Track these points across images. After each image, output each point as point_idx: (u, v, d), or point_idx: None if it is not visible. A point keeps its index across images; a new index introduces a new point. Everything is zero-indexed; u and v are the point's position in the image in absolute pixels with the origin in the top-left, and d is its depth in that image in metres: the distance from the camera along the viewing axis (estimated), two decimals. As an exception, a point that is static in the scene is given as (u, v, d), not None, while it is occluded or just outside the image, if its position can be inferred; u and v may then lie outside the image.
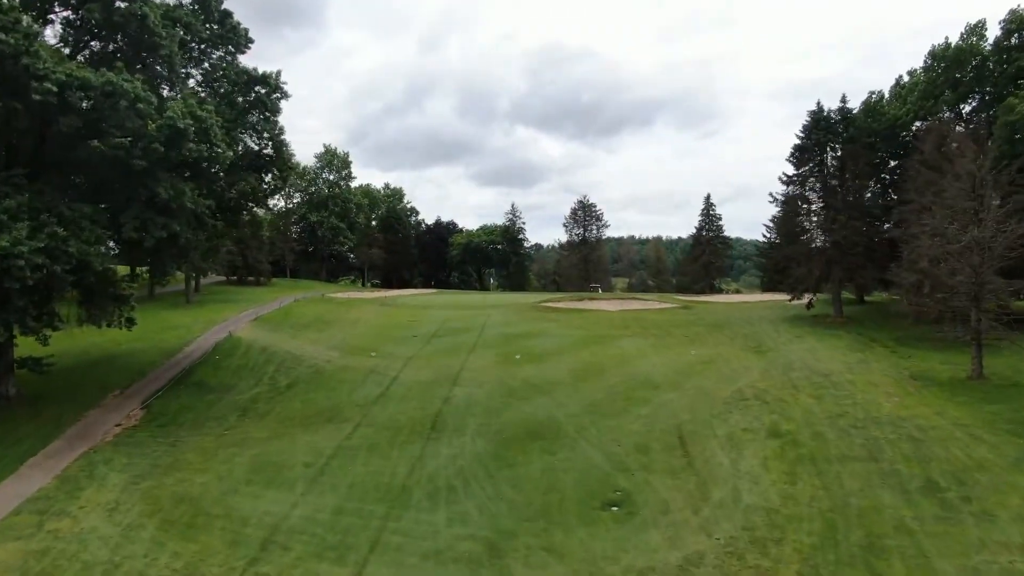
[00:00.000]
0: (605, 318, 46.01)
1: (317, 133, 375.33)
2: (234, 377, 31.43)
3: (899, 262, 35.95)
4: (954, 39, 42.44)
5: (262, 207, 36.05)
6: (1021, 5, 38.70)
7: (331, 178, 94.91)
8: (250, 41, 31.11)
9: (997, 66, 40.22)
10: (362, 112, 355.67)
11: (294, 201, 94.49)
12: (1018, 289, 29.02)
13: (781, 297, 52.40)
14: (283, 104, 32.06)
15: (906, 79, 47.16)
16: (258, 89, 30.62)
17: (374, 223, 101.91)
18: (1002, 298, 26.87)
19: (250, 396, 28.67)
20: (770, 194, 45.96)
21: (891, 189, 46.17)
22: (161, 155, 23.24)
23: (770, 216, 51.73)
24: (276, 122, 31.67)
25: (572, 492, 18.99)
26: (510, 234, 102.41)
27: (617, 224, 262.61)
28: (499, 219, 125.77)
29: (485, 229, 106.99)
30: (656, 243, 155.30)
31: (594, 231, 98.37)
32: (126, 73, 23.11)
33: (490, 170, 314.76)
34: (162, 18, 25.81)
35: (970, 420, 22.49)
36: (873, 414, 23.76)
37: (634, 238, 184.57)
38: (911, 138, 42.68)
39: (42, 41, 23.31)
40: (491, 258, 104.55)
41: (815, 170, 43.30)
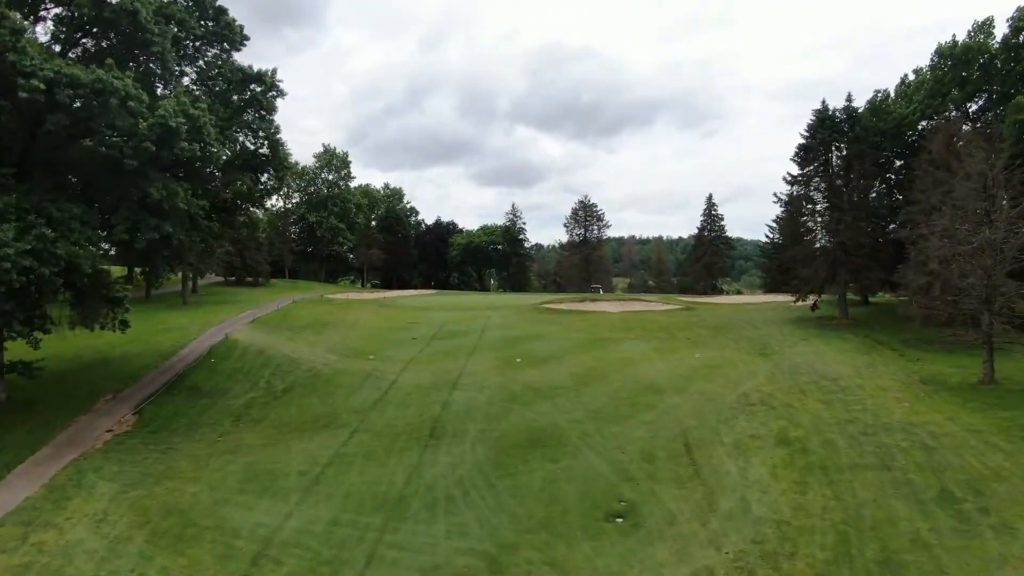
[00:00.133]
0: (607, 320, 45.41)
1: (317, 133, 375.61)
2: (229, 381, 30.81)
3: (906, 263, 35.39)
4: (959, 37, 41.91)
5: (259, 208, 35.38)
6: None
7: (330, 178, 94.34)
8: (245, 38, 30.50)
9: (1005, 64, 39.62)
10: (362, 112, 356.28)
11: (293, 201, 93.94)
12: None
13: (785, 298, 51.78)
14: (281, 103, 31.55)
15: (912, 78, 46.60)
16: (253, 87, 29.98)
17: (373, 223, 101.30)
18: (1014, 301, 26.25)
19: (245, 401, 28.06)
20: (774, 194, 45.46)
21: (896, 189, 45.60)
22: (152, 154, 22.63)
23: (773, 216, 51.31)
24: (272, 121, 31.05)
25: (575, 502, 18.38)
26: (511, 234, 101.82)
27: (617, 224, 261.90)
28: (499, 219, 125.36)
29: (485, 229, 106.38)
30: (658, 243, 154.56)
31: (595, 231, 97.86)
32: (116, 70, 22.50)
33: (490, 170, 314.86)
34: (154, 14, 25.19)
35: (984, 426, 21.87)
36: (883, 420, 23.15)
37: (635, 238, 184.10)
38: (918, 137, 42.11)
39: (30, 38, 22.73)
40: (491, 258, 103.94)
41: (820, 170, 42.70)
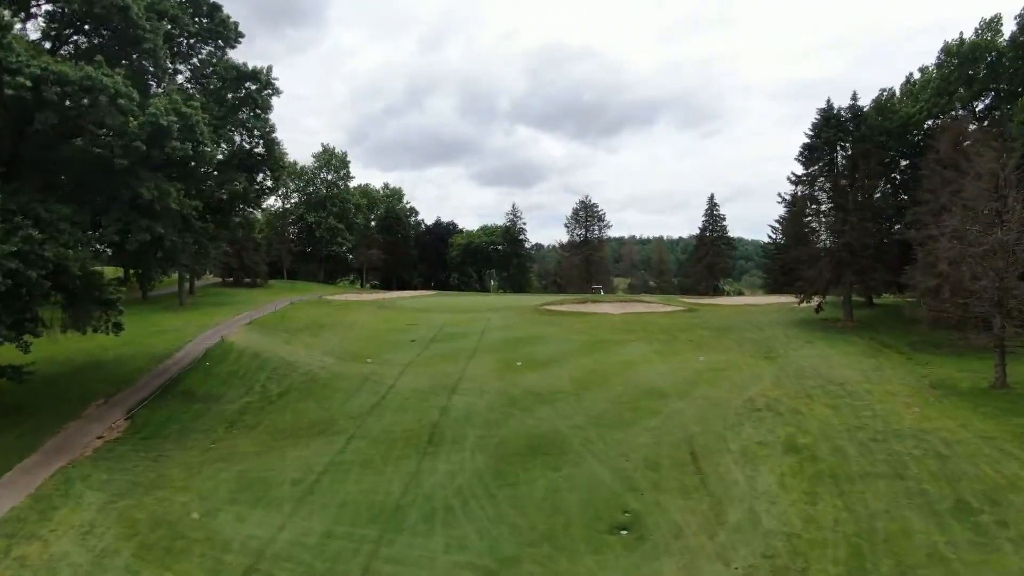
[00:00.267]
0: (608, 322, 44.81)
1: (317, 133, 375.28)
2: (224, 385, 30.21)
3: (914, 265, 34.78)
4: (962, 36, 41.28)
5: (254, 208, 34.79)
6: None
7: (329, 178, 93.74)
8: (240, 35, 29.88)
9: (1013, 62, 39.01)
10: (363, 112, 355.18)
11: (292, 201, 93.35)
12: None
13: (788, 299, 51.16)
14: (282, 103, 31.62)
15: (917, 76, 45.97)
16: (248, 85, 29.33)
17: (373, 224, 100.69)
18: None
19: (239, 406, 27.45)
20: (779, 194, 44.81)
21: (901, 189, 44.98)
22: (143, 153, 22.02)
23: (775, 217, 50.60)
24: (267, 119, 30.40)
25: (578, 514, 17.78)
26: (511, 234, 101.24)
27: (618, 224, 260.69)
28: (499, 219, 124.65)
29: (486, 230, 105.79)
30: (658, 243, 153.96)
31: (596, 231, 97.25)
32: (106, 67, 21.90)
33: (490, 170, 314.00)
34: (146, 10, 24.58)
35: (997, 433, 21.25)
36: (894, 426, 22.54)
37: (635, 238, 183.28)
38: (924, 136, 41.50)
39: (17, 34, 22.12)
40: (491, 259, 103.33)
41: (825, 169, 42.10)
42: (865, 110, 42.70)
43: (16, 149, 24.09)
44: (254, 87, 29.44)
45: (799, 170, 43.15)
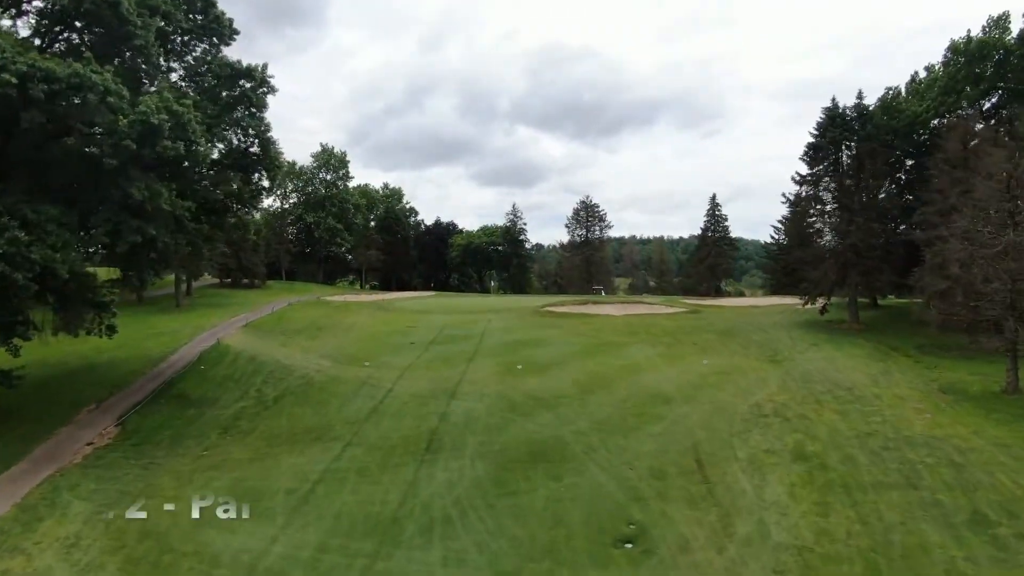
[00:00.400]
0: (610, 324, 44.18)
1: (318, 133, 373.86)
2: (219, 389, 29.59)
3: (922, 266, 34.19)
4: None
5: (249, 209, 34.16)
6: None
7: (328, 178, 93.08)
8: (235, 32, 29.22)
9: (1021, 60, 38.37)
10: (363, 112, 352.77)
11: (290, 201, 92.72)
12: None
13: (791, 301, 50.55)
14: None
15: (923, 75, 45.34)
16: (243, 83, 28.69)
17: (372, 224, 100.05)
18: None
19: (234, 411, 26.83)
20: (783, 194, 44.21)
21: (907, 189, 44.33)
22: (133, 153, 21.40)
23: (777, 217, 50.05)
24: (262, 118, 29.73)
25: (581, 525, 17.17)
26: (511, 235, 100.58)
27: (618, 224, 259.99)
28: (499, 219, 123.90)
29: (486, 230, 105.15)
30: (659, 243, 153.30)
31: (597, 231, 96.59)
32: (95, 64, 21.29)
33: (490, 170, 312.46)
34: (138, 6, 23.95)
35: (1012, 440, 20.67)
36: (904, 433, 21.94)
37: (635, 238, 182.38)
38: (930, 136, 40.86)
39: (5, 31, 21.54)
40: (492, 259, 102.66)
41: (830, 169, 41.45)
42: (871, 109, 42.07)
43: (3, 149, 23.47)
44: (249, 85, 28.80)
45: (803, 170, 42.53)
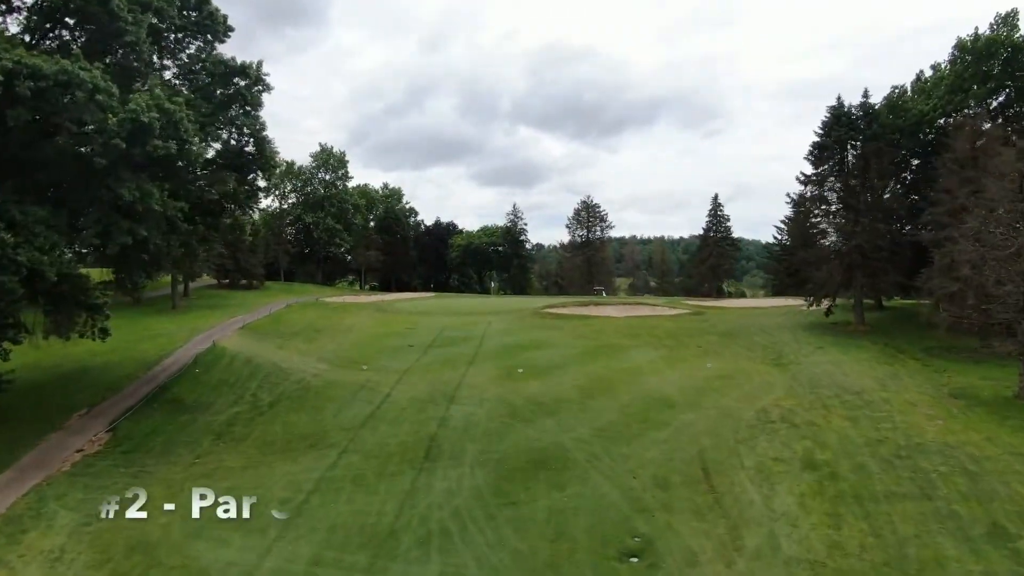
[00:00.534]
0: (612, 326, 43.57)
1: (318, 133, 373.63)
2: (213, 394, 28.99)
3: (929, 267, 33.60)
4: (976, 32, 40.04)
5: (245, 209, 33.54)
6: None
7: (327, 178, 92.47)
8: (229, 29, 28.60)
9: (1029, 58, 37.78)
10: (363, 112, 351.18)
11: (289, 202, 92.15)
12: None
13: (794, 302, 49.94)
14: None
15: (928, 73, 44.74)
16: (237, 81, 28.11)
17: (372, 224, 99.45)
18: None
19: (228, 417, 26.22)
20: (787, 194, 43.59)
21: (913, 189, 43.72)
22: (123, 152, 20.81)
23: (780, 217, 49.37)
24: (257, 117, 29.14)
25: (584, 538, 16.57)
26: (512, 235, 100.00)
27: (619, 224, 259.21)
28: (500, 219, 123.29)
29: (486, 230, 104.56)
30: (660, 244, 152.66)
31: (598, 232, 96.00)
32: (84, 61, 20.70)
33: (491, 170, 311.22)
34: (129, 2, 23.34)
35: (1027, 448, 20.08)
36: (916, 440, 21.34)
37: (635, 238, 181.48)
38: (937, 135, 40.25)
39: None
40: (492, 260, 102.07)
41: (835, 169, 40.84)
42: (876, 108, 41.45)
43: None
44: (243, 83, 28.18)
45: (807, 169, 41.96)
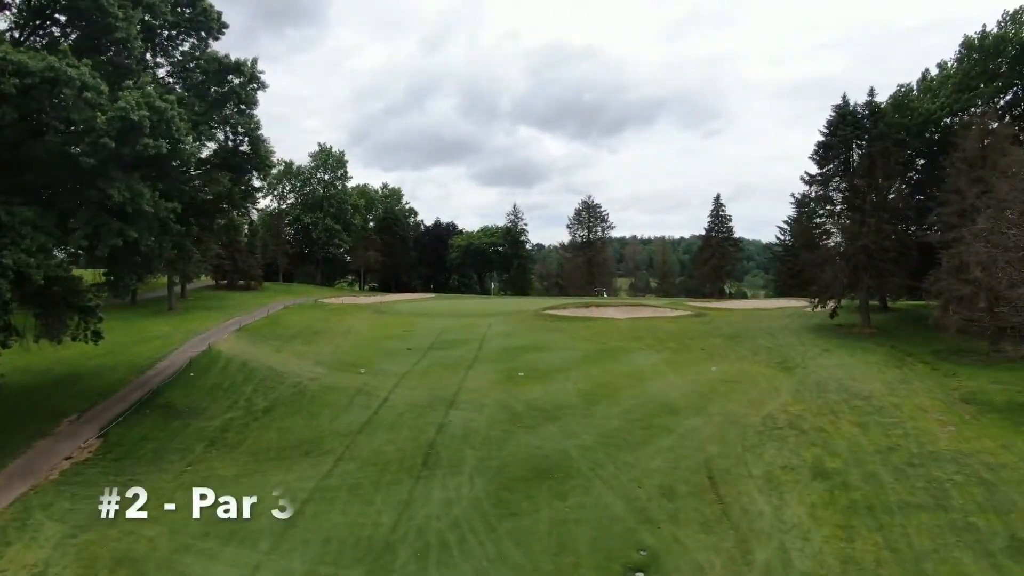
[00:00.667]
0: (614, 328, 42.96)
1: (318, 133, 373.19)
2: (207, 398, 28.38)
3: (937, 268, 32.95)
4: (984, 29, 39.43)
5: (241, 210, 32.93)
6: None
7: (326, 178, 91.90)
8: (224, 26, 27.99)
9: (1037, 56, 37.14)
10: (364, 112, 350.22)
11: (288, 202, 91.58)
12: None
13: (798, 303, 49.32)
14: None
15: (935, 72, 44.11)
16: (231, 79, 27.53)
17: (371, 224, 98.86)
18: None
19: (222, 422, 25.61)
20: (792, 195, 43.05)
21: (918, 189, 43.09)
22: (112, 151, 20.22)
23: (782, 217, 48.97)
24: (252, 115, 28.55)
25: (588, 551, 15.97)
26: (512, 235, 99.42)
27: (619, 224, 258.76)
28: (500, 219, 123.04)
29: (486, 231, 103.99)
30: (661, 244, 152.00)
31: (599, 232, 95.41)
32: (71, 58, 20.11)
33: (491, 170, 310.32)
34: (120, -3, 22.74)
35: (1044, 456, 19.46)
36: (929, 448, 20.73)
37: (636, 238, 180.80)
38: (943, 133, 39.63)
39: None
40: (492, 261, 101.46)
41: (840, 169, 40.24)
42: (882, 107, 40.86)
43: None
44: (238, 81, 27.56)
45: (810, 169, 41.43)
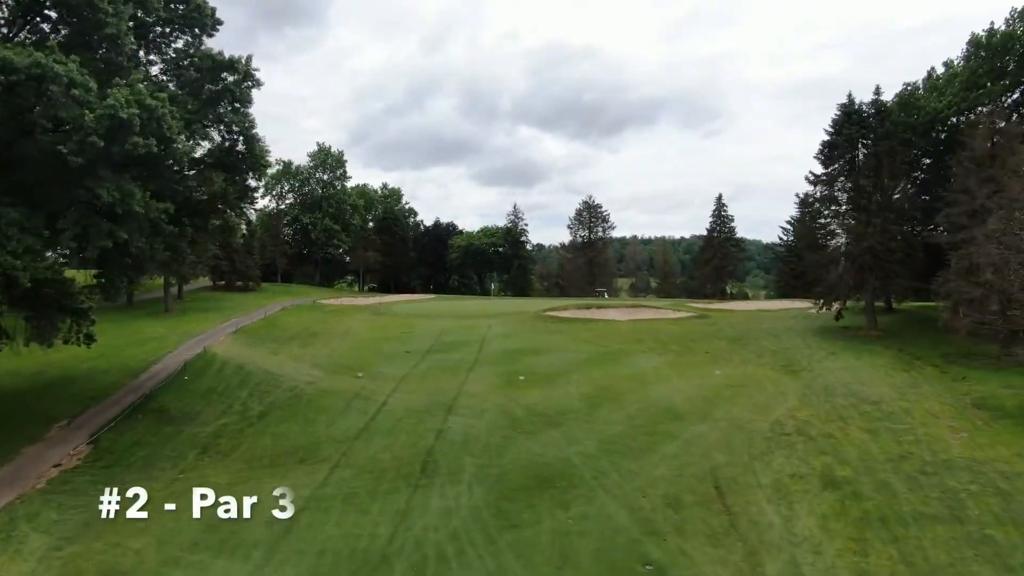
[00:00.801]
0: (615, 330, 42.38)
1: (318, 133, 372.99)
2: (201, 403, 27.80)
3: (946, 270, 32.39)
4: (992, 27, 38.81)
5: (236, 210, 32.37)
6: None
7: (325, 178, 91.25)
8: (218, 22, 27.37)
9: (1044, 54, 36.57)
10: (364, 112, 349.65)
11: (286, 202, 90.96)
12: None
13: (802, 304, 48.81)
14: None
15: (941, 70, 43.55)
16: (225, 76, 26.95)
17: (371, 225, 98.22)
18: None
19: (215, 428, 25.03)
20: (796, 195, 42.55)
21: (925, 189, 42.51)
22: (100, 150, 19.64)
23: (785, 218, 48.45)
24: (247, 114, 27.97)
25: (591, 565, 15.40)
26: (512, 236, 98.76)
27: (620, 224, 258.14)
28: (500, 219, 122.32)
29: (486, 231, 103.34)
30: (661, 244, 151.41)
31: (600, 232, 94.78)
32: (59, 54, 19.54)
33: (492, 170, 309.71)
34: (110, -8, 22.14)
35: (1061, 464, 18.89)
36: (942, 456, 20.16)
37: (637, 238, 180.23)
38: (950, 133, 39.06)
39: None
40: (492, 261, 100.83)
41: (846, 168, 39.65)
42: (888, 106, 40.27)
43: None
44: (232, 79, 26.96)
45: (814, 168, 40.84)
